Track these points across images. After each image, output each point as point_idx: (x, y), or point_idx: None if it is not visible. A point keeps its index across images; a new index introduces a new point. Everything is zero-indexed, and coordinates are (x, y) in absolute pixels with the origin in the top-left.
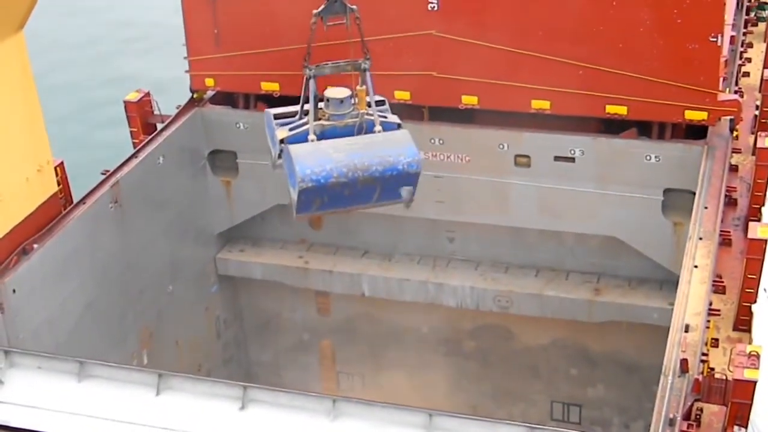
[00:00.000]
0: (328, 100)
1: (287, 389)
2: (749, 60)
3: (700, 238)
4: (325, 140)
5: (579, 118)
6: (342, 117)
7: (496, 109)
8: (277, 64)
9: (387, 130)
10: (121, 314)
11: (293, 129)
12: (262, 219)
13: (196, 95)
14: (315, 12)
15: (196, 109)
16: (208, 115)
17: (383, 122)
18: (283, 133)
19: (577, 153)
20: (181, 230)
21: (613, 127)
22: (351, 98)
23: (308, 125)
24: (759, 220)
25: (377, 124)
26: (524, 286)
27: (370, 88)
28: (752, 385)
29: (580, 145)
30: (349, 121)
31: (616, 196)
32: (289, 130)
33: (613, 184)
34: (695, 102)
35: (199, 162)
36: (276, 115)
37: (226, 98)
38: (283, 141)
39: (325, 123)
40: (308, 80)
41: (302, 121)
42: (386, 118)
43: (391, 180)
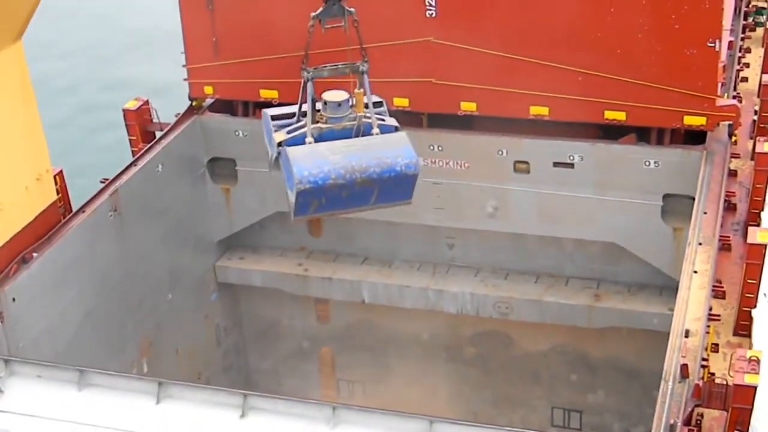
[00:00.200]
0: (325, 103)
1: (287, 397)
2: (747, 65)
3: (700, 244)
4: (322, 142)
5: (578, 124)
6: (340, 120)
7: (494, 116)
8: (276, 72)
9: (384, 132)
10: (121, 322)
11: (291, 132)
12: (262, 226)
13: (195, 103)
14: (313, 15)
15: (195, 116)
16: (207, 122)
17: (381, 125)
18: (280, 136)
19: (576, 159)
20: (181, 238)
21: (612, 132)
22: (348, 101)
23: (306, 128)
24: (758, 224)
25: (375, 127)
26: (524, 293)
27: (368, 91)
28: (753, 390)
29: (579, 151)
30: (347, 124)
31: (616, 201)
32: (287, 133)
33: (613, 189)
34: (694, 107)
35: (199, 170)
36: (274, 116)
37: (225, 106)
38: (281, 144)
39: (323, 126)
40: (306, 83)
41: (300, 124)
42: (384, 121)
43: (389, 182)
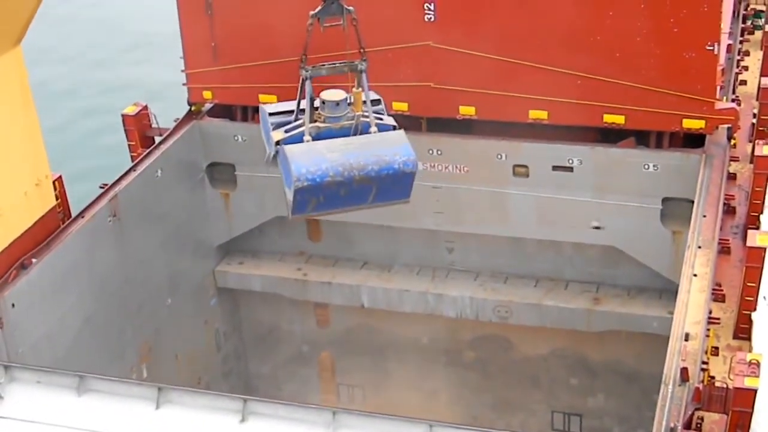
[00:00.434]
0: (323, 103)
1: (287, 402)
2: (746, 68)
3: (699, 247)
4: (320, 141)
5: (577, 128)
6: (338, 119)
7: (493, 120)
8: (275, 77)
9: (383, 131)
10: (120, 328)
11: (289, 131)
12: (261, 231)
13: (194, 108)
14: (312, 13)
15: (194, 122)
16: (206, 127)
17: (379, 124)
18: (278, 135)
19: (575, 162)
20: (180, 243)
21: (610, 136)
22: (347, 101)
23: (304, 127)
24: (758, 228)
25: (372, 126)
26: (523, 296)
27: (366, 89)
28: (753, 393)
29: (578, 155)
30: (345, 123)
31: (615, 205)
32: (285, 131)
33: (612, 193)
34: (693, 111)
35: (198, 175)
36: (272, 113)
37: (223, 111)
38: (279, 143)
39: (321, 125)
40: (304, 81)
41: (298, 123)
42: (382, 120)
43: (387, 180)
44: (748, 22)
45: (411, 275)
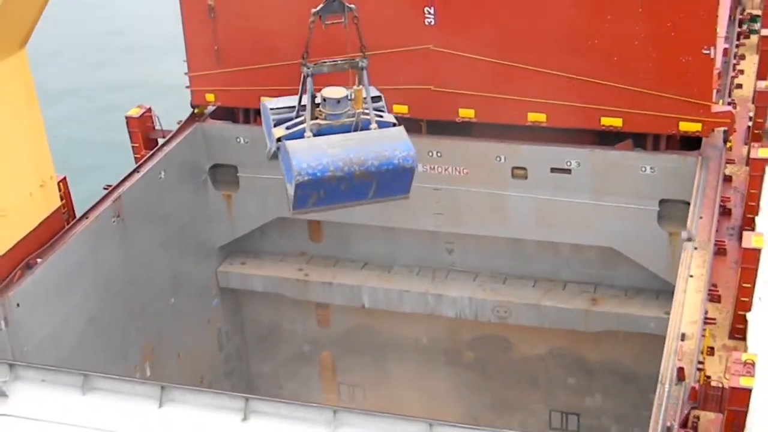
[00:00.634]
0: (324, 100)
1: (288, 400)
2: (742, 72)
3: (696, 248)
4: (321, 137)
5: (575, 131)
6: (339, 116)
7: (493, 122)
8: (276, 80)
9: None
10: (124, 327)
11: (290, 127)
12: (263, 232)
13: (196, 110)
14: (313, 11)
15: (196, 124)
16: (208, 130)
17: (379, 121)
18: (280, 132)
19: (573, 165)
20: (183, 244)
21: (608, 138)
22: (347, 98)
23: (305, 124)
24: (753, 229)
25: (373, 122)
26: (522, 297)
27: (367, 86)
28: (748, 392)
29: (576, 157)
30: (346, 120)
31: (612, 207)
32: (286, 128)
33: (609, 195)
34: (689, 114)
35: (200, 176)
36: (273, 109)
37: (226, 113)
38: (280, 140)
39: (322, 122)
40: (306, 78)
41: (299, 120)
42: (382, 117)
43: (387, 175)
44: (744, 27)
45: (411, 276)
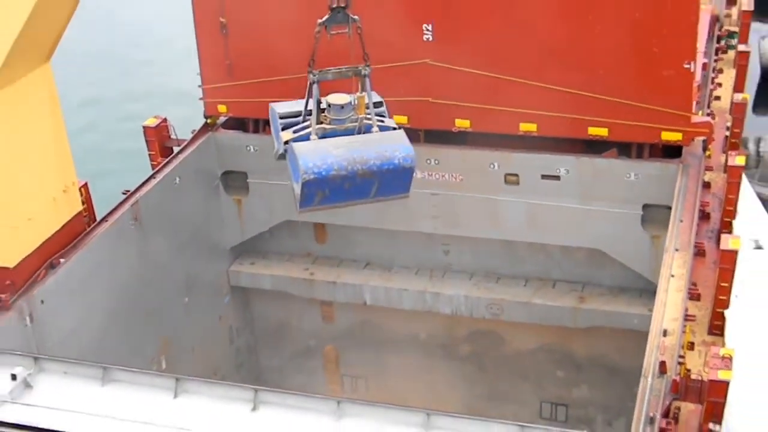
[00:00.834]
0: (329, 106)
1: (295, 391)
2: (720, 85)
3: (677, 250)
4: (326, 139)
5: (564, 140)
6: (342, 121)
7: (487, 132)
8: (284, 92)
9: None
10: (141, 323)
11: (297, 131)
12: (271, 234)
13: (209, 120)
14: (319, 21)
15: (209, 133)
16: (220, 139)
17: (381, 126)
18: (287, 135)
19: (563, 172)
20: (196, 245)
21: (595, 147)
22: (351, 104)
23: (311, 128)
24: (730, 232)
25: (375, 127)
26: (514, 295)
27: (369, 93)
28: (726, 385)
29: (565, 165)
30: (349, 125)
31: (599, 211)
32: (293, 132)
33: (596, 200)
34: (671, 124)
35: (213, 182)
36: (281, 115)
37: (237, 123)
38: (287, 142)
39: (327, 127)
40: (311, 85)
41: (305, 124)
42: (384, 122)
43: (388, 174)
44: (722, 42)
45: (410, 275)
